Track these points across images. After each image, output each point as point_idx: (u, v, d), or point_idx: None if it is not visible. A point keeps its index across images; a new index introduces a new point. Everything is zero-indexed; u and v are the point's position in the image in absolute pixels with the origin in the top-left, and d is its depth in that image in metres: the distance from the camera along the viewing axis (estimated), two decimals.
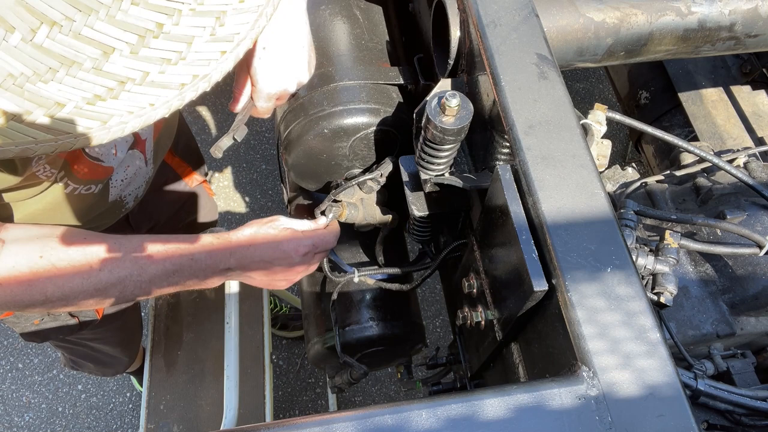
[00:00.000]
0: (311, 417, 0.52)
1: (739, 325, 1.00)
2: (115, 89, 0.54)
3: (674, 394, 0.54)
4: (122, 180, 1.05)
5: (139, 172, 1.10)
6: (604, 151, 0.85)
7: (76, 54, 0.51)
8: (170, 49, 0.54)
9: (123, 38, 0.52)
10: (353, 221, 1.06)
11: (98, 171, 0.98)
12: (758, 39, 1.03)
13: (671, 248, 0.88)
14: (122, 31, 0.52)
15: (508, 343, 0.79)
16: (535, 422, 0.52)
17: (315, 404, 2.13)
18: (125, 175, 1.06)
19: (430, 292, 2.35)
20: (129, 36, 0.52)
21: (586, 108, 0.88)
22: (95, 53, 0.51)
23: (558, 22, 0.93)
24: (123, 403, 2.17)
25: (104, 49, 0.52)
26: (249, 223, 0.94)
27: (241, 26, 0.57)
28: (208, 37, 0.55)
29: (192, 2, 0.53)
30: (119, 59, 0.52)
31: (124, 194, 1.09)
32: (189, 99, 0.58)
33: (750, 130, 1.38)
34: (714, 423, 0.89)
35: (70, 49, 0.50)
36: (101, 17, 0.50)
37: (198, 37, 0.55)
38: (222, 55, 0.57)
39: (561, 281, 0.58)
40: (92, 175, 0.97)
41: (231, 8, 0.55)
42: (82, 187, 0.96)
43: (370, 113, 1.00)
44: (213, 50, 0.56)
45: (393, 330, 1.14)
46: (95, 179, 0.98)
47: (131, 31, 0.52)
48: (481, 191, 0.80)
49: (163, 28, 0.53)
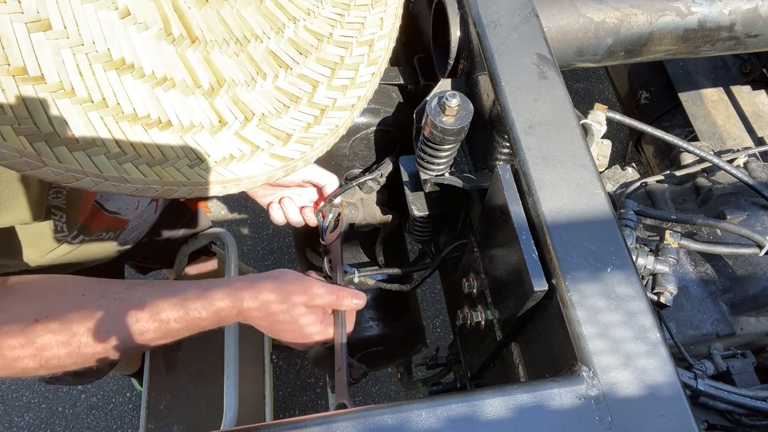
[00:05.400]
0: (311, 417, 0.52)
1: (739, 325, 1.00)
2: (318, 116, 0.63)
3: (674, 394, 0.54)
4: (132, 228, 1.06)
5: (147, 219, 1.11)
6: (604, 151, 0.85)
7: (299, 90, 0.61)
8: (347, 77, 0.65)
9: (323, 72, 0.63)
10: (353, 221, 1.06)
11: (115, 223, 0.99)
12: (758, 39, 1.03)
13: (671, 248, 0.88)
14: (322, 66, 0.63)
15: (508, 343, 0.79)
16: (535, 422, 0.52)
17: (315, 404, 2.13)
18: (136, 224, 1.07)
19: (430, 292, 2.35)
20: (325, 70, 0.63)
21: (586, 108, 0.87)
22: (308, 88, 0.62)
23: (558, 22, 0.93)
24: (123, 403, 2.17)
25: (313, 83, 0.62)
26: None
27: (381, 50, 0.69)
28: (366, 62, 0.67)
29: (357, 35, 0.66)
30: (321, 90, 0.63)
31: (129, 238, 1.09)
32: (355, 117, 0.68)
33: (750, 130, 1.38)
34: (714, 423, 0.89)
35: (295, 87, 0.61)
36: (312, 58, 0.61)
37: (361, 64, 0.66)
38: (372, 77, 0.68)
39: (561, 281, 0.58)
40: (108, 225, 0.98)
41: (376, 36, 0.68)
42: (94, 235, 0.97)
43: (370, 113, 1.00)
44: (367, 73, 0.68)
45: (393, 330, 1.14)
46: (110, 228, 0.99)
47: (327, 65, 0.63)
48: (481, 191, 0.80)
49: (344, 60, 0.65)
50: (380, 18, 0.68)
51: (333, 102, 0.64)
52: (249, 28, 0.55)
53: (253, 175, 0.58)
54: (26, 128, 0.44)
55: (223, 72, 0.54)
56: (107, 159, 0.48)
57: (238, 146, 0.57)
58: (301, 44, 0.60)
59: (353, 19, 0.66)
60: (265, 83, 0.58)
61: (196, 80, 0.52)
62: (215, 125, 0.55)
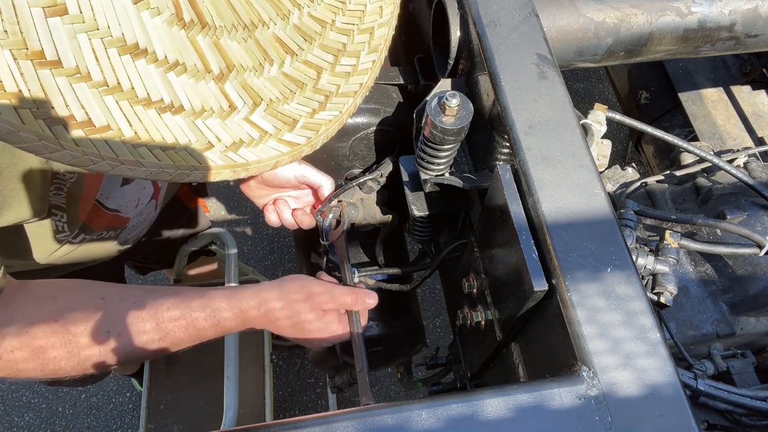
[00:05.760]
0: (311, 417, 0.52)
1: (739, 325, 1.00)
2: (323, 102, 0.64)
3: (674, 394, 0.54)
4: (133, 227, 1.07)
5: (148, 217, 1.11)
6: (604, 151, 0.85)
7: (304, 76, 0.61)
8: (350, 64, 0.66)
9: (326, 59, 0.64)
10: (353, 221, 1.06)
11: (116, 221, 0.99)
12: (758, 39, 1.03)
13: (671, 248, 0.88)
14: (325, 53, 0.63)
15: (508, 343, 0.79)
16: (535, 422, 0.52)
17: (315, 404, 2.13)
18: (137, 222, 1.07)
19: (430, 292, 2.35)
20: (329, 56, 0.64)
21: (586, 108, 0.87)
22: (313, 74, 0.62)
23: (558, 22, 0.93)
24: (123, 403, 2.17)
25: (318, 70, 0.63)
26: None
27: (381, 39, 0.70)
28: (366, 49, 0.68)
29: (358, 22, 0.66)
30: (325, 76, 0.64)
31: (129, 237, 1.09)
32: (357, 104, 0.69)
33: (750, 130, 1.38)
34: (714, 423, 0.89)
35: (300, 73, 0.61)
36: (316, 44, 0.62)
37: (362, 51, 0.67)
38: (373, 64, 0.69)
39: (561, 281, 0.58)
40: (109, 224, 0.98)
41: (376, 24, 0.69)
42: (95, 234, 0.97)
43: (370, 113, 1.00)
44: (368, 60, 0.68)
45: (393, 330, 1.14)
46: (111, 227, 0.99)
47: (330, 52, 0.64)
48: (481, 191, 0.80)
49: (346, 47, 0.65)
50: (379, 6, 0.69)
51: (337, 88, 0.65)
52: (256, 13, 0.56)
53: (261, 159, 0.59)
54: (44, 112, 0.44)
55: (232, 57, 0.54)
56: (123, 143, 0.49)
57: (247, 131, 0.57)
58: (305, 30, 0.61)
59: (354, 7, 0.66)
60: (272, 69, 0.58)
61: (207, 65, 0.52)
62: (225, 110, 0.55)
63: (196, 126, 0.53)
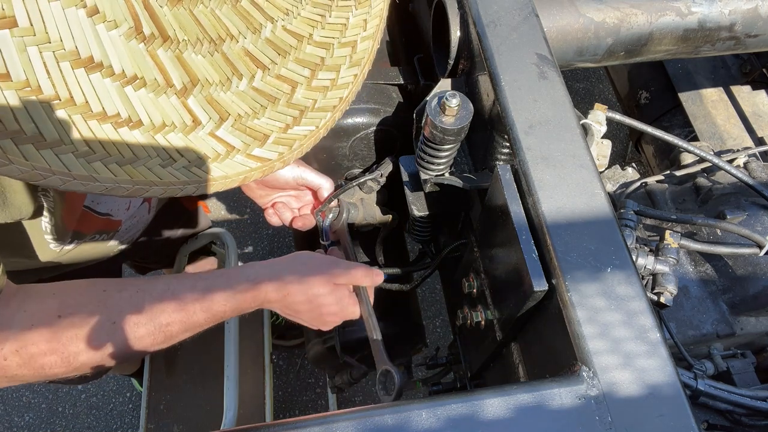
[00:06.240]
0: (311, 417, 0.52)
1: (739, 325, 1.00)
2: (297, 117, 0.63)
3: (674, 394, 0.54)
4: (126, 229, 1.06)
5: (141, 219, 1.11)
6: (604, 151, 0.85)
7: (277, 91, 0.61)
8: (328, 78, 0.65)
9: (302, 73, 0.63)
10: (353, 221, 1.06)
11: (108, 224, 0.99)
12: (758, 39, 1.03)
13: (671, 248, 0.88)
14: (302, 67, 0.62)
15: (508, 343, 0.79)
16: (535, 422, 0.52)
17: (315, 404, 2.13)
18: (130, 224, 1.06)
19: (430, 292, 2.35)
20: (305, 71, 0.63)
21: (586, 108, 0.87)
22: (287, 88, 0.61)
23: (558, 22, 0.93)
24: (123, 403, 2.17)
25: (292, 84, 0.62)
26: None
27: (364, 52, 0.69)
28: (348, 63, 0.67)
29: (339, 36, 0.65)
30: (300, 91, 0.63)
31: (124, 239, 1.09)
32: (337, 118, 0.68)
33: (750, 130, 1.38)
34: (714, 423, 0.89)
35: (272, 87, 0.60)
36: (291, 59, 0.61)
37: (343, 65, 0.66)
38: (354, 78, 0.67)
39: (561, 281, 0.58)
40: (101, 228, 0.98)
41: (359, 37, 0.68)
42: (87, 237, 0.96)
43: (369, 113, 1.00)
44: (349, 74, 0.67)
45: (393, 330, 1.14)
46: (103, 230, 0.99)
47: (307, 66, 0.63)
48: (481, 191, 0.80)
49: (324, 61, 0.64)
50: (363, 19, 0.68)
51: (313, 103, 0.64)
52: (224, 27, 0.55)
53: (228, 175, 0.58)
54: None
55: (197, 71, 0.53)
56: (75, 157, 0.47)
57: (212, 146, 0.56)
58: (279, 44, 0.60)
59: (335, 20, 0.65)
60: (241, 83, 0.57)
61: (168, 79, 0.51)
62: (188, 125, 0.54)
63: (156, 141, 0.52)
